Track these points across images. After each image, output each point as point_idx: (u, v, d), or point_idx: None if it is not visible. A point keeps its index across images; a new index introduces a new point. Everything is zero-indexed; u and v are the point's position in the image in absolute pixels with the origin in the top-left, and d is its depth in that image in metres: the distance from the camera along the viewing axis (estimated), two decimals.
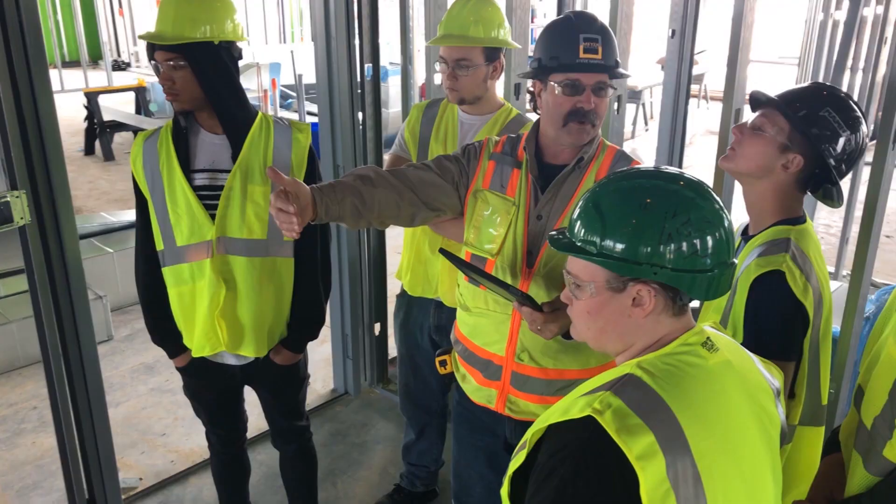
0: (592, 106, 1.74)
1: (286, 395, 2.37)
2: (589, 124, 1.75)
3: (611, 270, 1.12)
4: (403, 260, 2.61)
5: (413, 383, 2.77)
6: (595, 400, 1.07)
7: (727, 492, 1.08)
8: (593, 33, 1.72)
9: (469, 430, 2.10)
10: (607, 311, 1.16)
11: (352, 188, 1.74)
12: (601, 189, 1.17)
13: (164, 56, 1.95)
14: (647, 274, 1.09)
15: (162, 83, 1.98)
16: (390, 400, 3.74)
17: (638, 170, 1.21)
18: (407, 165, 1.90)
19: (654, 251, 1.09)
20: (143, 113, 9.05)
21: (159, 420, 3.62)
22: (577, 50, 1.71)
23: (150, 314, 2.22)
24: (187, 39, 1.93)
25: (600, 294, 1.15)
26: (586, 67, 1.71)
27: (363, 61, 3.29)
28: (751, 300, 1.50)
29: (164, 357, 2.31)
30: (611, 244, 1.11)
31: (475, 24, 2.30)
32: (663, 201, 1.11)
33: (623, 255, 1.10)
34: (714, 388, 1.12)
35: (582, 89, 1.72)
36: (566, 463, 1.06)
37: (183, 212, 2.05)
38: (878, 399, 1.32)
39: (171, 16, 1.94)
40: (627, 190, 1.15)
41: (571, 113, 1.74)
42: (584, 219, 1.16)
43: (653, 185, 1.14)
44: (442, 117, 2.47)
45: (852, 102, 1.60)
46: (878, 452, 1.30)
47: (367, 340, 3.74)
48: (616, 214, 1.12)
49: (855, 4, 4.72)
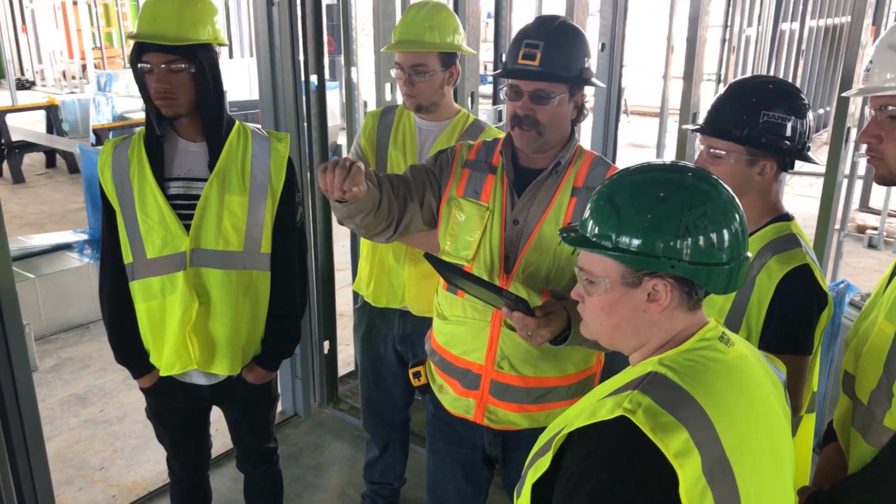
0: (528, 112, 1.71)
1: (257, 416, 2.27)
2: (534, 131, 1.73)
3: (627, 265, 1.11)
4: (363, 271, 2.55)
5: (376, 397, 2.69)
6: (624, 399, 1.05)
7: (757, 485, 1.08)
8: (535, 39, 1.70)
9: (445, 442, 2.06)
10: (622, 307, 1.14)
11: (379, 183, 1.76)
12: (614, 184, 1.16)
13: (163, 58, 1.85)
14: (665, 267, 1.09)
15: (156, 87, 1.87)
16: (342, 420, 3.64)
17: (650, 164, 1.20)
18: (393, 179, 1.86)
19: (672, 244, 1.08)
20: (55, 132, 8.63)
21: (96, 453, 3.41)
22: (517, 55, 1.71)
23: (115, 331, 2.09)
24: (191, 41, 1.86)
25: (615, 289, 1.13)
26: (521, 74, 1.71)
27: (308, 73, 3.22)
28: (778, 297, 1.52)
29: (97, 387, 2.19)
30: (627, 238, 1.10)
31: (430, 29, 2.28)
32: (679, 194, 1.10)
33: (640, 248, 1.09)
34: (735, 381, 1.12)
35: (520, 95, 1.72)
36: (600, 466, 1.04)
37: (155, 222, 1.94)
38: (873, 374, 1.36)
39: (170, 16, 1.85)
40: (642, 183, 1.14)
41: (513, 118, 1.74)
42: (597, 214, 1.14)
43: (668, 177, 1.14)
44: (399, 124, 2.44)
45: (774, 87, 1.63)
46: (879, 423, 1.34)
47: (316, 359, 3.63)
48: (632, 208, 1.11)
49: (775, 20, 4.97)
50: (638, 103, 12.86)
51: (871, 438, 1.36)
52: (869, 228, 6.37)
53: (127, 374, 3.93)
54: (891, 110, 1.33)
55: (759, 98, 1.58)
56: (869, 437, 1.36)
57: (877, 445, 1.34)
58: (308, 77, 3.23)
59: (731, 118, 1.58)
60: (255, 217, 2.02)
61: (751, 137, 1.56)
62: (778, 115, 1.54)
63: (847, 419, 1.46)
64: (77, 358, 4.29)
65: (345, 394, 3.83)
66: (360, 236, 1.95)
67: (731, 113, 1.59)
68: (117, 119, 8.50)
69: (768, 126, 1.55)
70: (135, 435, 3.53)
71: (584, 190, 1.79)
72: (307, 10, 3.13)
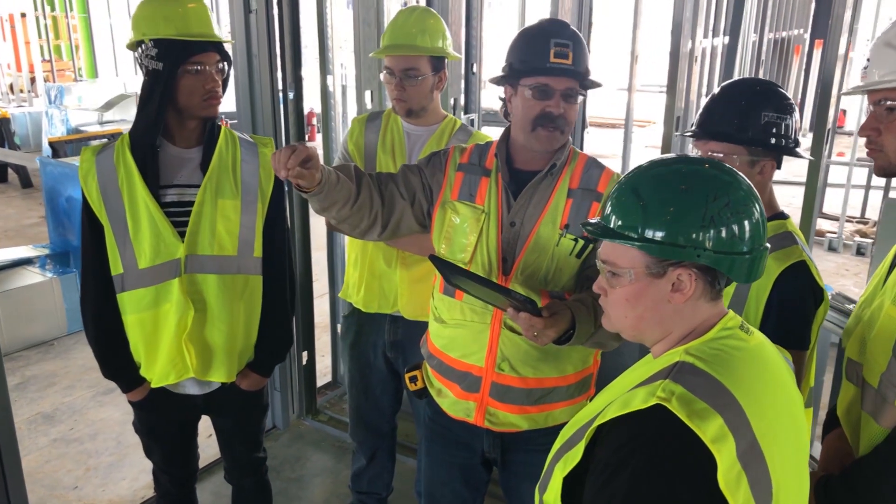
0: (561, 111, 1.74)
1: (250, 425, 2.24)
2: (558, 130, 1.76)
3: (654, 255, 1.13)
4: (352, 277, 2.53)
5: (365, 406, 2.67)
6: (657, 389, 1.06)
7: (784, 469, 1.10)
8: (564, 38, 1.74)
9: (443, 446, 2.05)
10: (646, 298, 1.16)
11: (358, 177, 1.78)
12: (637, 177, 1.18)
13: (214, 58, 1.91)
14: (691, 257, 1.11)
15: (212, 87, 1.91)
16: (322, 431, 3.60)
17: (672, 157, 1.22)
18: (381, 175, 1.86)
19: (696, 235, 1.10)
20: (6, 145, 8.39)
21: (68, 472, 3.30)
22: (547, 54, 1.72)
23: (102, 346, 2.03)
24: (220, 39, 1.91)
25: (639, 280, 1.15)
26: (556, 71, 1.72)
27: (286, 83, 3.20)
28: (776, 294, 1.55)
29: (65, 405, 2.14)
30: (652, 230, 1.12)
31: (422, 34, 2.30)
32: (703, 185, 1.13)
33: (665, 239, 1.11)
34: (759, 368, 1.15)
35: (551, 93, 1.73)
36: (637, 455, 1.05)
37: (146, 231, 1.91)
38: (882, 359, 1.41)
39: (202, 15, 1.91)
40: (666, 175, 1.16)
41: (540, 117, 1.74)
42: (621, 206, 1.16)
43: (691, 169, 1.16)
44: (387, 129, 2.44)
45: (762, 88, 1.68)
46: (891, 404, 1.39)
47: (294, 370, 3.59)
48: (657, 200, 1.13)
49: (735, 33, 5.11)
50: (593, 115, 13.08)
51: (883, 420, 1.40)
52: (828, 232, 6.59)
53: (97, 391, 3.92)
54: (889, 104, 1.38)
55: (755, 99, 1.62)
56: (881, 419, 1.40)
57: (889, 426, 1.39)
58: (286, 86, 3.21)
59: (729, 120, 1.62)
60: (248, 221, 2.01)
61: (754, 138, 1.60)
62: (775, 115, 1.59)
63: (852, 406, 1.50)
64: (42, 376, 4.15)
65: (323, 405, 3.78)
66: (350, 236, 1.96)
67: (729, 115, 1.63)
68: (72, 132, 8.30)
69: (769, 126, 1.59)
70: (108, 452, 3.43)
71: (579, 191, 1.81)
72: (284, 17, 3.12)
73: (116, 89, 9.36)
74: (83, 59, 13.21)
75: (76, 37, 13.13)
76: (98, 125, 8.52)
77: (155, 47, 1.86)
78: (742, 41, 5.55)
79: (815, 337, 1.64)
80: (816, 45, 10.14)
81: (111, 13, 13.08)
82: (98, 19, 13.10)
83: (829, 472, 1.47)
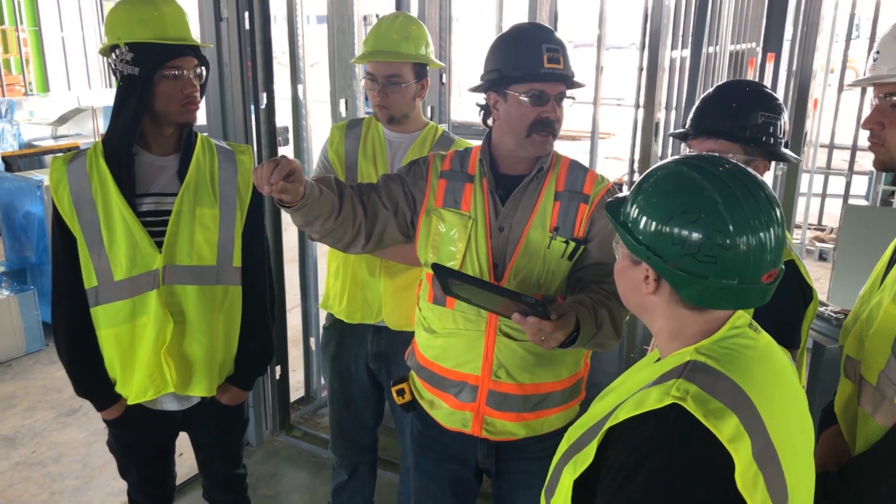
0: (557, 115, 1.74)
1: (230, 440, 2.17)
2: (551, 135, 1.76)
3: (624, 242, 1.14)
4: (333, 288, 2.48)
5: (346, 419, 2.61)
6: (671, 388, 1.05)
7: (795, 467, 1.09)
8: (554, 43, 1.74)
9: (434, 459, 2.01)
10: (626, 278, 1.17)
11: (340, 189, 1.73)
12: (665, 164, 1.15)
13: (192, 62, 1.86)
14: (644, 256, 1.10)
15: (191, 92, 1.86)
16: (297, 447, 3.53)
17: (694, 157, 1.15)
18: (362, 186, 1.83)
19: (655, 239, 1.09)
20: None
21: (33, 497, 3.16)
22: (541, 60, 1.71)
23: (75, 362, 1.94)
24: (199, 43, 1.86)
25: (624, 259, 1.17)
26: (551, 77, 1.72)
27: (257, 90, 3.14)
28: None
29: (26, 427, 2.06)
30: (630, 220, 1.13)
31: (406, 40, 2.27)
32: (686, 196, 1.08)
33: (632, 230, 1.12)
34: (769, 366, 1.14)
35: (546, 99, 1.72)
36: (653, 456, 1.03)
37: (122, 241, 1.84)
38: (881, 356, 1.41)
39: (179, 18, 1.86)
40: (673, 172, 1.12)
41: (536, 123, 1.73)
42: (632, 191, 1.17)
43: (689, 177, 1.09)
44: (367, 136, 2.40)
45: (759, 89, 1.70)
46: (889, 402, 1.39)
47: (268, 385, 3.51)
48: (648, 190, 1.13)
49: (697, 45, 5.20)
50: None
51: (881, 417, 1.41)
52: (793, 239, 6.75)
53: (59, 412, 3.78)
54: (895, 99, 1.40)
55: (750, 98, 1.64)
56: (879, 416, 1.41)
57: (887, 424, 1.39)
58: (258, 94, 3.16)
59: (725, 118, 1.63)
60: (227, 230, 1.96)
61: (752, 136, 1.61)
62: (770, 115, 1.61)
63: (849, 402, 1.51)
64: (1, 398, 3.99)
65: (297, 420, 3.71)
66: (334, 248, 1.91)
67: (725, 113, 1.64)
68: (24, 147, 8.07)
69: (765, 125, 1.60)
70: (73, 475, 3.29)
71: (566, 194, 1.80)
72: (256, 25, 3.07)
73: (70, 103, 9.15)
74: (33, 73, 12.87)
75: (26, 50, 12.78)
76: (52, 139, 8.30)
77: (131, 51, 1.80)
78: (704, 53, 5.66)
79: (805, 336, 1.65)
80: (769, 59, 10.44)
81: (63, 26, 12.78)
82: (49, 33, 12.78)
83: (825, 470, 1.47)
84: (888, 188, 6.97)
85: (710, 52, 5.90)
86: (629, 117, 6.85)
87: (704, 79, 6.13)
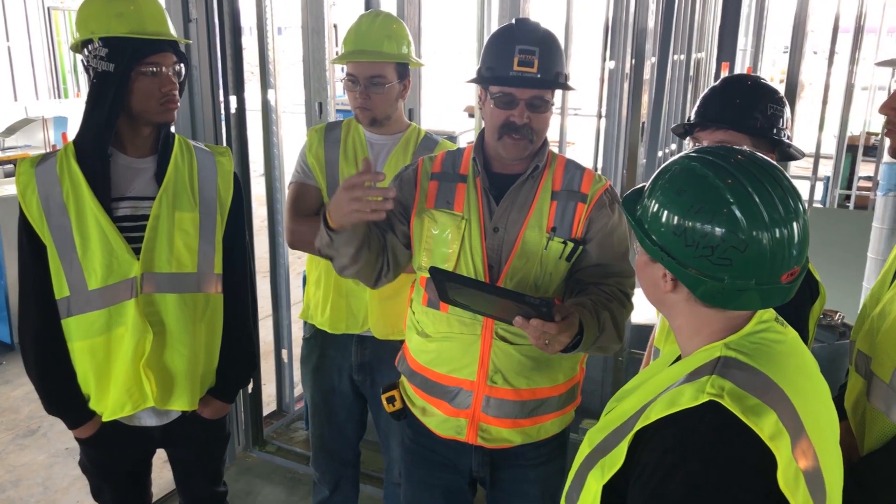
0: (525, 121, 1.67)
1: (212, 456, 2.07)
2: (525, 140, 1.69)
3: (637, 238, 1.11)
4: (314, 298, 2.39)
5: (328, 433, 2.51)
6: (705, 385, 1.00)
7: (829, 462, 1.06)
8: (530, 45, 1.65)
9: (427, 468, 1.94)
10: (646, 275, 1.14)
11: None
12: (681, 158, 1.11)
13: (171, 59, 1.76)
14: (657, 256, 1.07)
15: (169, 90, 1.76)
16: (271, 463, 3.41)
17: (711, 154, 1.09)
18: None
19: (667, 241, 1.06)
20: None
21: None
22: (510, 62, 1.64)
23: (47, 379, 1.83)
24: (177, 38, 1.79)
25: (643, 255, 1.13)
26: (519, 81, 1.65)
27: (227, 94, 3.04)
28: None
29: None
30: (644, 218, 1.10)
31: (388, 39, 2.21)
32: (700, 193, 1.04)
33: (646, 228, 1.09)
34: (799, 360, 1.12)
35: (515, 103, 1.66)
36: (690, 456, 0.98)
37: (97, 248, 1.73)
38: (894, 353, 1.40)
39: (157, 12, 1.78)
40: (687, 168, 1.08)
41: (504, 126, 1.68)
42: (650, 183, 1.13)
43: (702, 173, 1.06)
44: (348, 138, 2.32)
45: (762, 83, 1.68)
46: None
47: (240, 400, 3.38)
48: (661, 186, 1.09)
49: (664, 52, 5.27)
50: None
51: (894, 415, 1.39)
52: None
53: (16, 434, 3.60)
54: None
55: (758, 90, 1.62)
56: (892, 413, 1.39)
57: None
58: (227, 98, 3.06)
59: (734, 109, 1.60)
60: (207, 235, 1.87)
61: (763, 127, 1.58)
62: (777, 107, 1.59)
63: (862, 397, 1.49)
64: None
65: (270, 435, 3.59)
66: (365, 284, 1.84)
67: (733, 105, 1.61)
68: None
69: (774, 117, 1.59)
70: (34, 499, 3.13)
71: (563, 193, 1.76)
72: (226, 27, 2.97)
73: (17, 114, 8.85)
74: None
75: None
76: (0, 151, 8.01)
77: (105, 47, 1.70)
78: (671, 62, 5.76)
79: (813, 332, 1.63)
80: (723, 68, 10.71)
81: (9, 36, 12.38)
82: None
83: None
84: (843, 192, 7.18)
85: (676, 60, 6.02)
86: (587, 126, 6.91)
87: (673, 87, 6.25)
